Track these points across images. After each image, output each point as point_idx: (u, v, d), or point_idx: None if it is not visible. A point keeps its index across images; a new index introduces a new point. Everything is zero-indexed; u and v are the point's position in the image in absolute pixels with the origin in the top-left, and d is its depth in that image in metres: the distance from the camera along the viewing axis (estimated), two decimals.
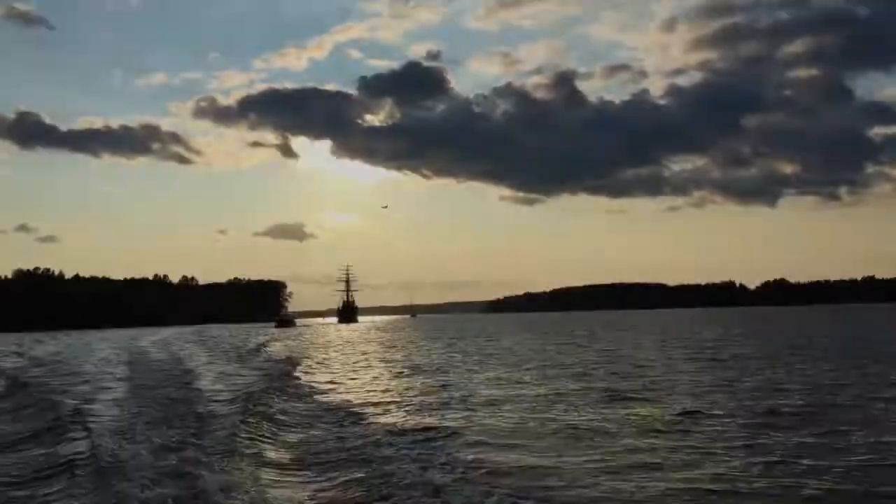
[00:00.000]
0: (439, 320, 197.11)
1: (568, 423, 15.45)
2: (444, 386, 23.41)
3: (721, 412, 16.20)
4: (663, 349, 39.86)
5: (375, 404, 19.26)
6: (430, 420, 16.28)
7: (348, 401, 20.11)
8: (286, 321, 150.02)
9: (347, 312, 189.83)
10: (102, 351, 53.97)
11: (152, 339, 75.16)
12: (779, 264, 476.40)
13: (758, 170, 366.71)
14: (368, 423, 16.04)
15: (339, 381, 26.47)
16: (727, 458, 11.69)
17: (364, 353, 44.99)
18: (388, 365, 34.43)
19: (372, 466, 11.57)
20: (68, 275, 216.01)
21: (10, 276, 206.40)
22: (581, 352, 39.72)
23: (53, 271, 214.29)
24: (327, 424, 16.29)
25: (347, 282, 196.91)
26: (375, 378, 27.62)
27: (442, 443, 13.55)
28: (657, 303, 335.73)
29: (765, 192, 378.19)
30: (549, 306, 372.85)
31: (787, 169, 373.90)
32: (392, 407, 18.72)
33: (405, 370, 30.64)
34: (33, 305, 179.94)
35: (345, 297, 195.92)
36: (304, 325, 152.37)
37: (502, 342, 54.00)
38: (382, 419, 16.62)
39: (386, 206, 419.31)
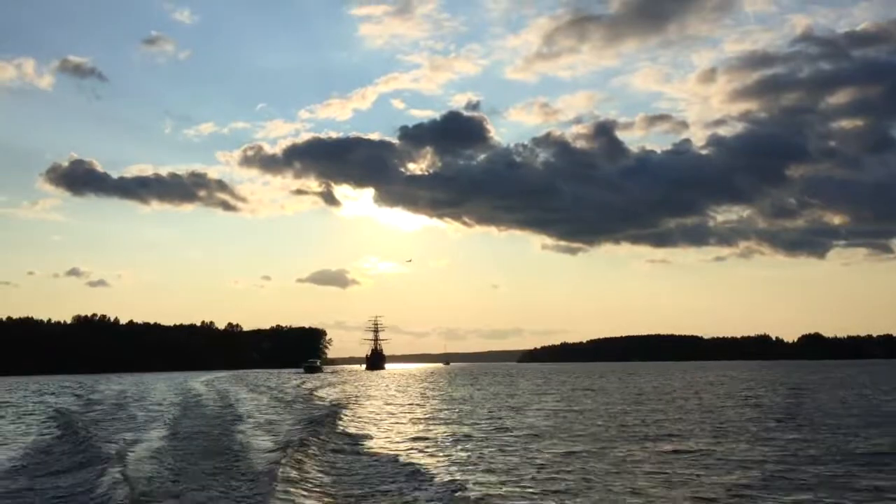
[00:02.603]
0: (468, 369, 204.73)
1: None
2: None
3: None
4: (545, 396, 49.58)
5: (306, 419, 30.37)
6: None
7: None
8: (313, 368, 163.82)
9: (375, 360, 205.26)
10: (154, 392, 60.93)
11: (197, 381, 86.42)
12: (820, 317, 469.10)
13: (805, 220, 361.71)
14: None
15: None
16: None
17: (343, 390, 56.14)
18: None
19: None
20: (123, 321, 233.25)
21: (69, 321, 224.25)
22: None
23: (109, 317, 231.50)
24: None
25: (375, 331, 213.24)
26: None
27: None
28: (691, 355, 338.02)
29: (813, 242, 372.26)
30: (585, 356, 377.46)
31: (836, 220, 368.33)
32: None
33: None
34: (91, 349, 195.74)
35: (373, 345, 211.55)
36: (332, 371, 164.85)
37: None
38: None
39: (410, 260, 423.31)
